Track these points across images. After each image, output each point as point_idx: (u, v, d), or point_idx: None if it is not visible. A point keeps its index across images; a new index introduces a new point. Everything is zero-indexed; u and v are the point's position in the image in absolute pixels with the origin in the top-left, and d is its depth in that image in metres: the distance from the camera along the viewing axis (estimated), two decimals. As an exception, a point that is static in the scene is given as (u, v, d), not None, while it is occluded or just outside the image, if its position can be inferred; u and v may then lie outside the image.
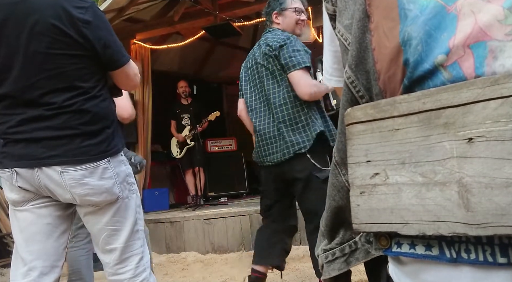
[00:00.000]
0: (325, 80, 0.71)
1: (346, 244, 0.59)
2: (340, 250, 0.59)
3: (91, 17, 1.33)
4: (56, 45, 1.30)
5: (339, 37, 0.55)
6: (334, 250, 0.59)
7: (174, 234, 3.96)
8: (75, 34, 1.31)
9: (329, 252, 0.60)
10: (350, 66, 0.52)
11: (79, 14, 1.31)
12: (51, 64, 1.31)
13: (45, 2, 1.31)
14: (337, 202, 0.57)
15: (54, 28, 1.29)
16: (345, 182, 0.55)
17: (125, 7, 4.00)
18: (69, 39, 1.31)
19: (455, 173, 0.41)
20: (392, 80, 0.48)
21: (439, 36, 0.43)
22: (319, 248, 0.63)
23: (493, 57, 0.41)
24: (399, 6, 0.47)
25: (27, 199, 1.39)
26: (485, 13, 0.41)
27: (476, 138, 0.40)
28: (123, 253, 1.44)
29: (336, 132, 1.92)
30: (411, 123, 0.44)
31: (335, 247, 0.59)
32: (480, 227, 0.40)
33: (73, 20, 1.30)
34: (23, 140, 1.34)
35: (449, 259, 0.43)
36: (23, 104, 1.33)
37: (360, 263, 0.59)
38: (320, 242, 0.64)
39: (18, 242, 1.40)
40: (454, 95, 0.42)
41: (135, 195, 1.51)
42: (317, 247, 0.64)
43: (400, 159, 0.45)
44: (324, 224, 0.62)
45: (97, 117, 1.37)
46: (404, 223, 0.44)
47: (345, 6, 0.55)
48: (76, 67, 1.34)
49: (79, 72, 1.35)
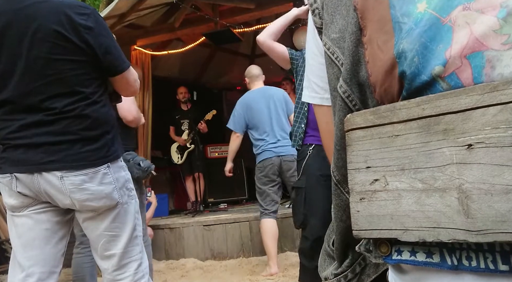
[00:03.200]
0: (307, 98, 0.66)
1: (356, 264, 0.57)
2: (352, 271, 0.57)
3: (92, 24, 1.34)
4: (57, 50, 1.31)
5: (325, 50, 0.55)
6: (346, 273, 0.58)
7: (173, 240, 3.95)
8: (76, 40, 1.32)
9: (341, 276, 0.58)
10: (345, 80, 0.51)
11: (81, 20, 1.32)
12: (52, 69, 1.32)
13: (47, 8, 1.32)
14: (344, 222, 0.55)
15: (56, 34, 1.30)
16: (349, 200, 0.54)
17: (126, 13, 4.02)
18: (70, 44, 1.32)
19: (455, 180, 0.41)
20: (389, 92, 0.48)
21: (435, 47, 0.44)
22: (328, 271, 0.61)
23: (491, 66, 0.41)
24: (392, 19, 0.47)
25: (26, 204, 1.38)
26: (480, 24, 0.42)
27: (475, 145, 0.40)
28: (122, 259, 1.44)
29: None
30: (411, 129, 0.44)
31: (346, 270, 0.58)
32: (480, 233, 0.40)
33: (75, 26, 1.31)
34: (23, 145, 1.34)
35: (450, 266, 0.43)
36: (23, 110, 1.34)
37: (372, 278, 0.58)
38: (327, 264, 0.62)
39: (16, 248, 1.39)
40: (453, 101, 0.42)
41: (134, 200, 1.51)
42: (324, 269, 0.62)
43: (400, 165, 0.45)
44: (334, 247, 0.60)
45: (97, 122, 1.38)
46: (404, 230, 0.44)
47: (332, 20, 0.55)
48: (76, 73, 1.35)
49: (80, 77, 1.36)
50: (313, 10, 0.58)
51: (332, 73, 0.55)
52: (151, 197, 3.41)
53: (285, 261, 3.39)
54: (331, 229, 0.62)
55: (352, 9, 0.51)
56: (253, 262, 3.51)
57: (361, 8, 0.50)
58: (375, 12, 0.49)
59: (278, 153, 3.08)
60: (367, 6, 0.49)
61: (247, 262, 3.55)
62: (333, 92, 0.55)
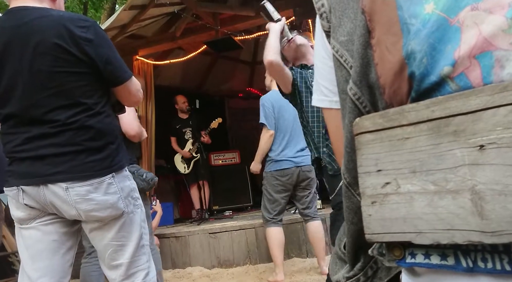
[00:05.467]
0: (316, 102, 0.66)
1: (368, 267, 0.57)
2: (364, 274, 0.57)
3: (92, 36, 1.36)
4: (58, 63, 1.32)
5: (334, 53, 0.55)
6: (358, 276, 0.57)
7: (179, 249, 3.93)
8: (77, 52, 1.33)
9: (353, 279, 0.58)
10: (354, 82, 0.51)
11: (81, 33, 1.34)
12: (54, 82, 1.33)
13: (47, 23, 1.33)
14: (356, 225, 0.54)
15: (56, 47, 1.31)
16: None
17: (127, 24, 4.06)
18: (71, 57, 1.33)
19: (468, 181, 0.41)
20: (398, 93, 0.48)
21: (444, 48, 0.44)
22: (340, 274, 0.60)
23: (500, 66, 0.41)
24: (400, 21, 0.48)
25: (33, 216, 1.39)
26: (489, 24, 0.42)
27: (487, 145, 0.40)
28: (129, 269, 1.44)
29: None
30: (421, 131, 0.44)
31: (358, 273, 0.57)
32: (495, 235, 0.39)
33: (75, 39, 1.33)
34: (28, 158, 1.35)
35: (465, 268, 0.43)
36: (28, 123, 1.35)
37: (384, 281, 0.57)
38: (338, 267, 0.62)
39: (24, 260, 1.39)
40: (463, 102, 0.42)
41: (140, 209, 1.51)
42: (335, 273, 0.62)
43: (411, 167, 0.45)
44: (345, 250, 0.59)
45: (100, 133, 1.39)
46: (417, 233, 0.44)
47: (340, 23, 0.55)
48: (78, 84, 1.36)
49: (82, 89, 1.37)
50: (321, 14, 0.58)
51: (341, 75, 0.55)
52: (156, 206, 3.40)
53: (292, 268, 3.37)
54: (342, 232, 0.62)
55: (360, 12, 0.51)
56: (260, 269, 3.49)
57: (368, 10, 0.50)
58: (382, 14, 0.49)
59: (298, 163, 2.97)
60: (375, 8, 0.50)
61: (254, 269, 3.53)
62: (342, 95, 0.55)
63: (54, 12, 1.37)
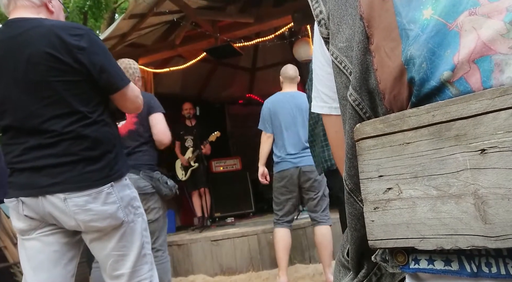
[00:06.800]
0: (315, 108, 0.66)
1: (371, 274, 0.57)
2: (368, 281, 0.56)
3: (86, 44, 1.35)
4: (52, 72, 1.32)
5: (333, 59, 0.55)
6: None
7: (181, 257, 3.91)
8: (70, 61, 1.33)
9: None
10: (354, 88, 0.51)
11: (74, 41, 1.33)
12: (48, 91, 1.33)
13: (39, 33, 1.33)
14: (359, 231, 0.54)
15: (48, 56, 1.31)
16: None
17: (127, 33, 4.08)
18: (64, 66, 1.33)
19: (470, 185, 0.41)
20: (398, 98, 0.48)
21: (443, 53, 0.44)
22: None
23: (500, 70, 0.41)
24: (399, 26, 0.48)
25: (34, 227, 1.38)
26: (487, 29, 0.42)
27: (488, 149, 0.40)
28: (131, 279, 1.43)
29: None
30: (422, 136, 0.44)
31: (362, 280, 0.57)
32: (499, 239, 0.39)
33: (67, 47, 1.32)
34: (27, 169, 1.34)
35: (469, 273, 0.42)
36: (26, 133, 1.35)
37: None
38: (342, 275, 0.61)
39: (26, 271, 1.38)
40: (463, 107, 0.42)
41: (141, 218, 1.50)
42: (339, 280, 0.61)
43: (412, 173, 0.44)
44: (349, 257, 0.59)
45: (97, 142, 1.38)
46: (421, 238, 0.43)
47: (338, 29, 0.55)
48: (73, 93, 1.36)
49: (77, 97, 1.36)
50: (319, 21, 0.58)
51: (340, 82, 0.55)
52: None
53: (295, 274, 3.35)
54: (345, 239, 0.61)
55: (358, 18, 0.52)
56: (263, 276, 3.47)
57: (367, 16, 0.50)
58: (381, 20, 0.49)
59: (296, 164, 2.97)
60: (373, 14, 0.50)
61: (257, 276, 3.51)
62: (342, 101, 0.55)
63: (47, 21, 1.37)
